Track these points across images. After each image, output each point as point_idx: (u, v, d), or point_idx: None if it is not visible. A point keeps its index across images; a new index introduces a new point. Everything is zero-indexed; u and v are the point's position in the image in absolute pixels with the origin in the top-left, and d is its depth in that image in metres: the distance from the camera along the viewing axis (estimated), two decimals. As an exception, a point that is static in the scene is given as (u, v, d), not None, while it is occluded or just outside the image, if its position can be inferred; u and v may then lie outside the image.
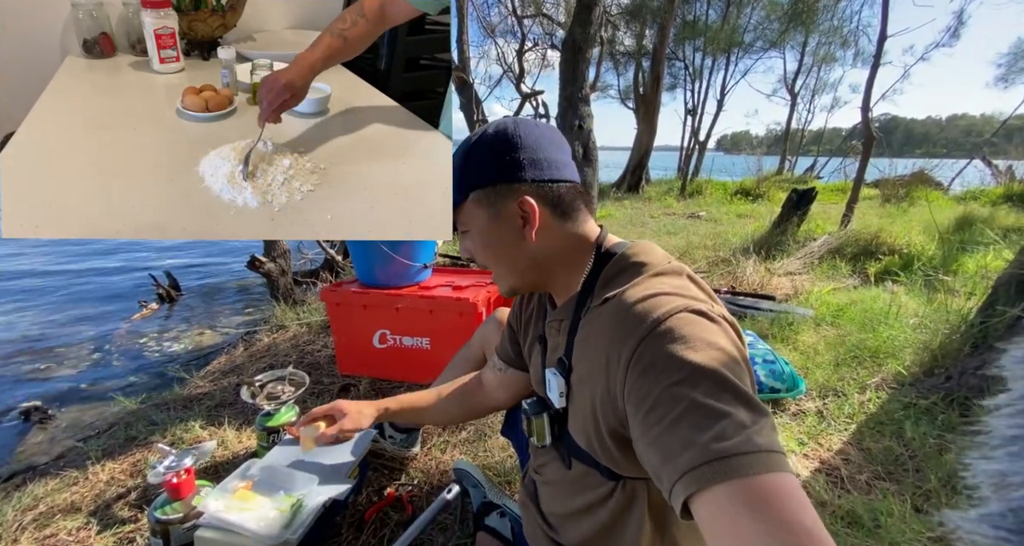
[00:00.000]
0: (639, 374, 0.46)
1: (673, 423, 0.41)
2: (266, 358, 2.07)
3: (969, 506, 0.28)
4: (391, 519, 1.10)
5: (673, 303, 0.49)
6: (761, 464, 0.37)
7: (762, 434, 0.39)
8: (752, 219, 5.72)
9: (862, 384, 1.64)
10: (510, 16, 8.51)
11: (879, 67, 4.52)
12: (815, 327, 2.19)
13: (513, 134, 0.61)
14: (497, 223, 0.61)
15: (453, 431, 1.43)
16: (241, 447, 1.37)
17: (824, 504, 1.11)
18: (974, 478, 0.28)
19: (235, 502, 0.91)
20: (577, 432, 0.62)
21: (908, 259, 3.16)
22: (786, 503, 0.35)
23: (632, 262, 0.59)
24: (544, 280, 0.66)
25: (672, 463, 0.40)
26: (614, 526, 0.62)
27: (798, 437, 1.39)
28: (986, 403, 0.30)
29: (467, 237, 0.66)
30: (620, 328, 0.50)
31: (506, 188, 0.60)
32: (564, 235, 0.63)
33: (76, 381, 2.47)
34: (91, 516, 1.12)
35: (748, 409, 0.41)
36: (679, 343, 0.45)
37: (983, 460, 0.28)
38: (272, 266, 2.94)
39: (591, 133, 2.91)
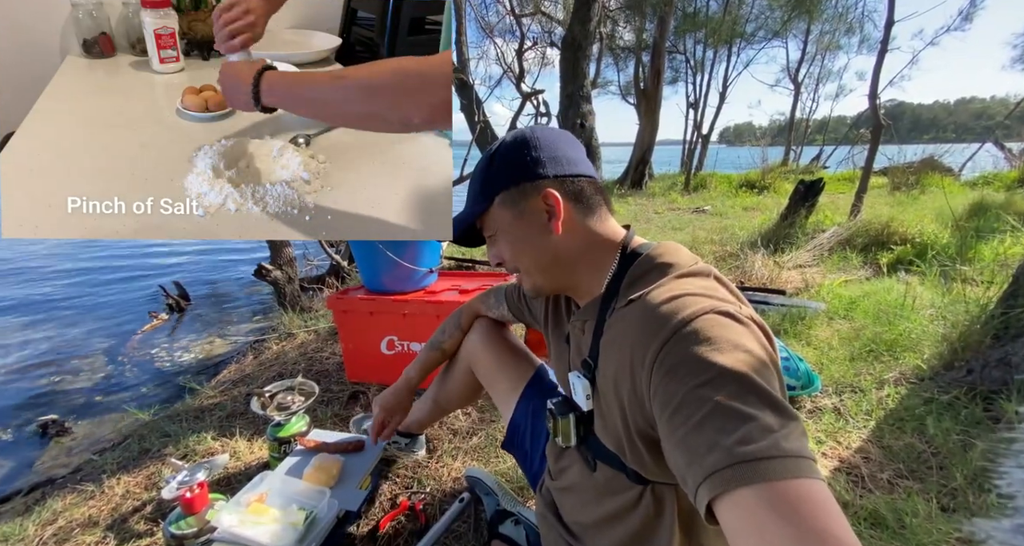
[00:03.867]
0: (664, 375, 0.46)
1: (698, 425, 0.41)
2: (275, 367, 2.07)
3: (1002, 515, 0.26)
4: (405, 529, 1.09)
5: (700, 304, 0.48)
6: (789, 469, 0.36)
7: (790, 439, 0.38)
8: (758, 212, 5.66)
9: (879, 379, 1.61)
10: (508, 15, 8.48)
11: (886, 53, 4.44)
12: (828, 321, 2.15)
13: (531, 137, 0.64)
14: (523, 220, 0.63)
15: (464, 437, 1.42)
16: (253, 458, 1.37)
17: (846, 504, 1.09)
18: (1009, 487, 0.27)
19: (249, 516, 0.91)
20: (605, 434, 0.61)
21: (921, 248, 3.10)
22: (816, 510, 0.34)
23: (658, 263, 0.59)
24: (569, 279, 0.66)
25: (697, 465, 0.39)
26: (645, 534, 0.61)
27: (816, 436, 1.36)
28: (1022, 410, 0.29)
29: (494, 241, 0.68)
30: (646, 329, 0.50)
31: (530, 186, 0.62)
32: (587, 231, 0.63)
33: (91, 393, 2.49)
34: (108, 530, 1.12)
35: (775, 413, 0.40)
36: (705, 345, 0.44)
37: (1019, 469, 0.27)
38: (279, 274, 2.95)
39: (593, 131, 2.89)
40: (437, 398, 1.14)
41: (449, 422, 1.50)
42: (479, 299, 1.04)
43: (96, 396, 2.46)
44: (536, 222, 0.62)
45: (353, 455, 1.17)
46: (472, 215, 0.67)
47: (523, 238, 0.64)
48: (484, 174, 0.65)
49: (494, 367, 0.99)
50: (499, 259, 0.68)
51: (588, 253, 0.64)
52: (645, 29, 10.10)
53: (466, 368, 1.05)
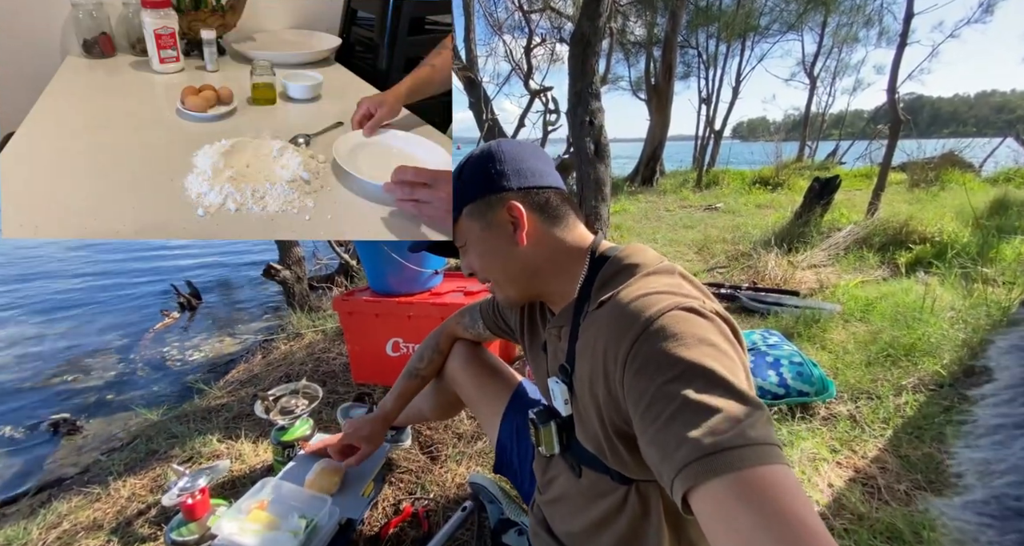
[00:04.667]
0: (635, 373, 0.47)
1: (668, 421, 0.42)
2: (282, 367, 2.08)
3: (953, 494, 0.29)
4: (407, 536, 1.08)
5: (665, 301, 0.50)
6: (755, 457, 0.37)
7: (756, 427, 0.39)
8: (772, 209, 5.56)
9: (897, 385, 1.55)
10: (517, 11, 8.41)
11: (906, 47, 4.32)
12: (843, 324, 2.10)
13: (496, 150, 0.66)
14: (489, 232, 0.65)
15: (468, 441, 1.41)
16: (258, 460, 1.37)
17: (861, 517, 1.05)
18: (959, 466, 0.30)
19: (249, 524, 0.90)
20: (585, 437, 0.63)
21: (941, 248, 3.01)
22: (780, 494, 0.35)
23: (625, 264, 0.61)
24: (540, 288, 0.68)
25: (669, 460, 0.40)
26: (634, 535, 0.61)
27: (830, 444, 1.32)
28: (972, 393, 0.32)
29: (464, 252, 0.69)
30: (615, 329, 0.52)
31: (495, 198, 0.64)
32: (554, 240, 0.65)
33: (103, 391, 2.53)
34: (112, 534, 1.12)
35: (741, 403, 0.41)
36: (671, 341, 0.46)
37: (968, 449, 0.30)
38: (288, 274, 2.96)
39: (603, 129, 2.83)
40: (421, 406, 1.14)
41: (453, 426, 1.48)
42: (454, 319, 1.04)
43: (108, 394, 2.49)
44: (503, 234, 0.64)
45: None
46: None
47: (491, 250, 0.65)
48: (459, 182, 0.67)
49: (475, 392, 1.00)
50: (471, 270, 0.70)
51: (556, 261, 0.65)
52: (656, 23, 9.96)
53: (451, 389, 1.06)
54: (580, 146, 2.78)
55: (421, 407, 1.14)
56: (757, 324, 2.23)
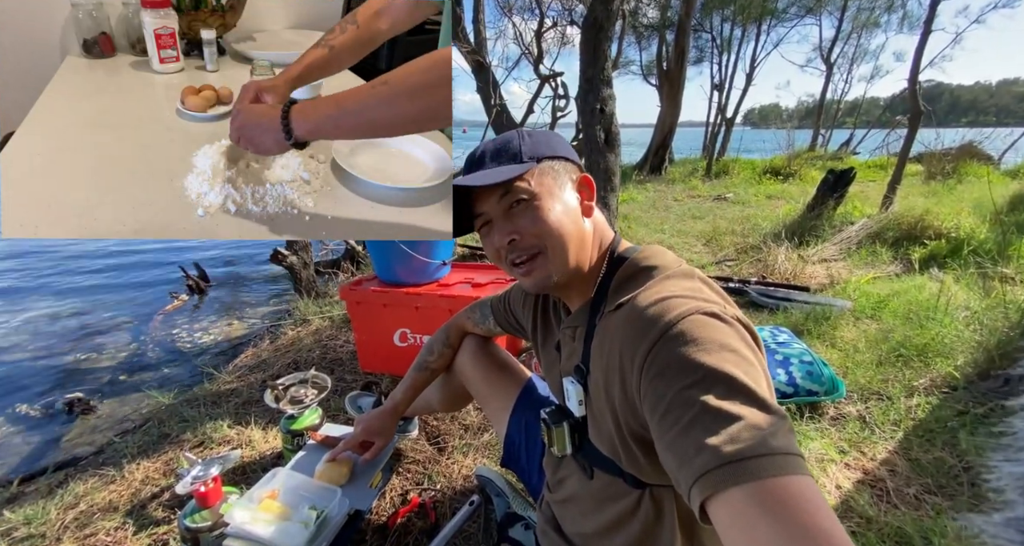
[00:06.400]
0: (653, 377, 0.46)
1: (687, 426, 0.41)
2: (290, 353, 2.09)
3: (993, 510, 0.26)
4: (415, 526, 1.09)
5: (685, 306, 0.49)
6: (777, 467, 0.36)
7: (778, 436, 0.38)
8: (783, 201, 5.48)
9: (909, 386, 1.54)
10: (528, -9, 8.20)
11: (930, 33, 4.17)
12: (854, 321, 2.07)
13: (550, 132, 0.68)
14: (564, 194, 0.62)
15: (475, 433, 1.42)
16: (267, 447, 1.39)
17: (869, 520, 1.05)
18: (999, 481, 0.27)
19: (260, 513, 0.91)
20: (599, 439, 0.62)
21: (957, 244, 2.95)
22: (804, 506, 0.34)
23: (643, 266, 0.60)
24: (576, 274, 0.63)
25: (688, 466, 0.40)
26: (647, 539, 0.61)
27: (838, 445, 1.31)
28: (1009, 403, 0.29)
29: (526, 207, 0.60)
30: (634, 332, 0.51)
31: (571, 165, 0.65)
32: (600, 224, 0.67)
33: (115, 371, 2.57)
34: (127, 516, 1.15)
35: (762, 411, 0.40)
36: (691, 346, 0.45)
37: (1007, 463, 0.27)
38: (294, 259, 2.96)
39: (613, 116, 2.78)
40: (430, 398, 1.15)
41: (460, 417, 1.49)
42: (464, 314, 1.03)
43: (120, 375, 2.53)
44: (574, 200, 0.63)
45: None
46: (516, 171, 0.59)
47: (565, 211, 0.61)
48: (526, 140, 0.63)
49: (484, 386, 1.00)
50: (518, 234, 0.60)
51: (594, 248, 0.65)
52: (670, 6, 9.68)
53: (459, 383, 1.06)
54: (590, 134, 2.73)
55: (430, 399, 1.15)
56: (766, 320, 2.21)
